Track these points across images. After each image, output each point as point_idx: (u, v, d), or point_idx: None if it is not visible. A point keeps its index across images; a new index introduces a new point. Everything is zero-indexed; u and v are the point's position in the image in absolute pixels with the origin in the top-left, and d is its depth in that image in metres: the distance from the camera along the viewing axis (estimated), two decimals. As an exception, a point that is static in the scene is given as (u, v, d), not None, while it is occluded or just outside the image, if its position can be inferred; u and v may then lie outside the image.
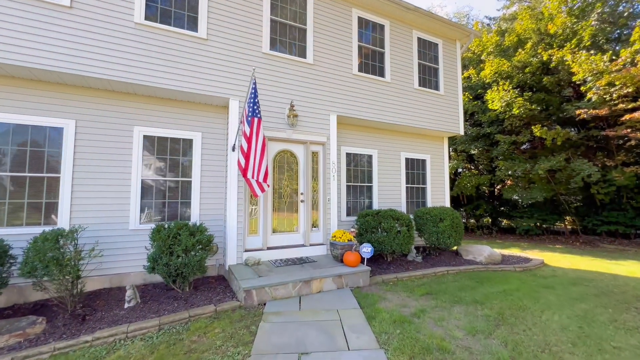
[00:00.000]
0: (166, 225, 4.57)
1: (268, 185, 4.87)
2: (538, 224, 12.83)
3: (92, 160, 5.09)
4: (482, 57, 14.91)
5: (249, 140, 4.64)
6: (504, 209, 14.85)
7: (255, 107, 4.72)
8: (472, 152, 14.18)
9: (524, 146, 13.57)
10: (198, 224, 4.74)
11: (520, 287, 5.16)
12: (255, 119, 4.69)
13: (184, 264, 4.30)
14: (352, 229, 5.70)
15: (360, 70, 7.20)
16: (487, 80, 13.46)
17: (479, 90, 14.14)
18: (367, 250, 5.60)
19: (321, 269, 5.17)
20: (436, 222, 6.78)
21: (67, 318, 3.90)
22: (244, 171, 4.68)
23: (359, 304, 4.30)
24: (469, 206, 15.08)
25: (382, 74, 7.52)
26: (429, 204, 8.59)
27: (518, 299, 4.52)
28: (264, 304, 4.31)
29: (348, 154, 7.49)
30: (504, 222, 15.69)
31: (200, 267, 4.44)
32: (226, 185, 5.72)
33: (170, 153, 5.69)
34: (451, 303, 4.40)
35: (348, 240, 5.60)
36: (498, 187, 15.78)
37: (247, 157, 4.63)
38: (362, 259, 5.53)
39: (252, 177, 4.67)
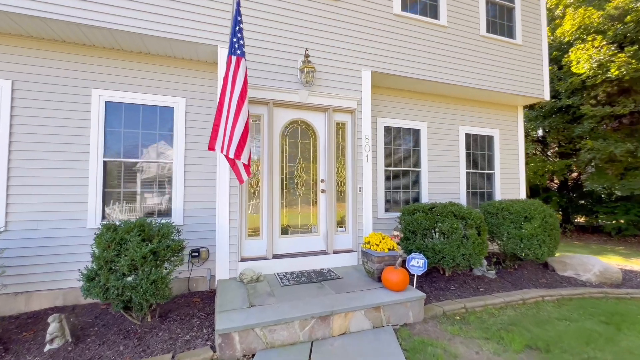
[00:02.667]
0: (119, 225, 3.08)
1: (249, 162, 3.19)
2: (636, 222, 9.82)
3: (35, 135, 3.76)
4: (557, 13, 11.84)
5: (222, 90, 2.96)
6: (584, 203, 11.85)
7: (235, 40, 3.00)
8: (546, 130, 11.35)
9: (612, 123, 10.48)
10: (160, 224, 3.19)
11: (702, 341, 2.95)
12: (233, 58, 2.98)
13: (131, 287, 2.77)
14: (395, 232, 3.87)
15: (404, 9, 5.17)
16: (567, 39, 10.52)
17: (554, 53, 11.18)
18: (418, 264, 3.72)
19: (348, 292, 3.40)
20: (519, 222, 4.65)
21: (-44, 366, 2.57)
22: (210, 140, 3.01)
23: (411, 368, 2.47)
24: (535, 199, 12.27)
25: (434, 15, 5.42)
26: (497, 195, 6.38)
27: None
28: (253, 356, 2.66)
29: (387, 128, 5.55)
30: (580, 218, 12.66)
31: (158, 290, 2.88)
32: (216, 170, 4.13)
33: (144, 126, 4.22)
34: (587, 377, 2.40)
35: (389, 249, 3.74)
36: (574, 174, 12.72)
37: (217, 118, 2.95)
38: (411, 276, 3.66)
39: (222, 151, 2.99)
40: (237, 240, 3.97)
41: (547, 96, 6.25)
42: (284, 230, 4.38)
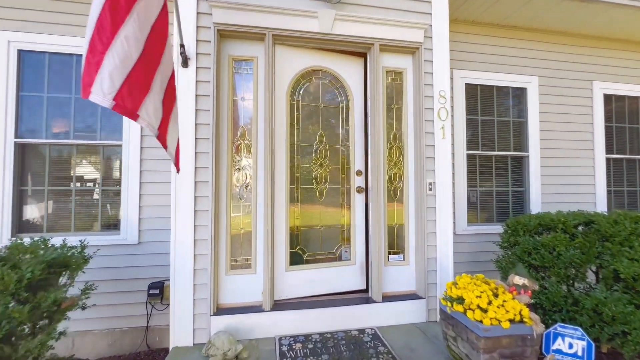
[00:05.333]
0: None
1: (157, 128, 1.43)
2: None
3: None
4: None
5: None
6: None
7: None
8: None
9: None
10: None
11: None
12: None
13: None
14: (519, 280, 1.70)
15: None
16: None
17: None
18: (572, 349, 1.68)
19: None
20: None
21: None
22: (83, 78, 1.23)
23: None
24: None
25: None
26: (661, 197, 3.81)
27: None
28: None
29: (470, 87, 3.40)
30: None
31: None
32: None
33: (79, 88, 2.72)
34: None
35: (512, 320, 1.67)
36: None
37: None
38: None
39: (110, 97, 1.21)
40: (208, 277, 2.23)
41: None
42: (295, 257, 2.54)
